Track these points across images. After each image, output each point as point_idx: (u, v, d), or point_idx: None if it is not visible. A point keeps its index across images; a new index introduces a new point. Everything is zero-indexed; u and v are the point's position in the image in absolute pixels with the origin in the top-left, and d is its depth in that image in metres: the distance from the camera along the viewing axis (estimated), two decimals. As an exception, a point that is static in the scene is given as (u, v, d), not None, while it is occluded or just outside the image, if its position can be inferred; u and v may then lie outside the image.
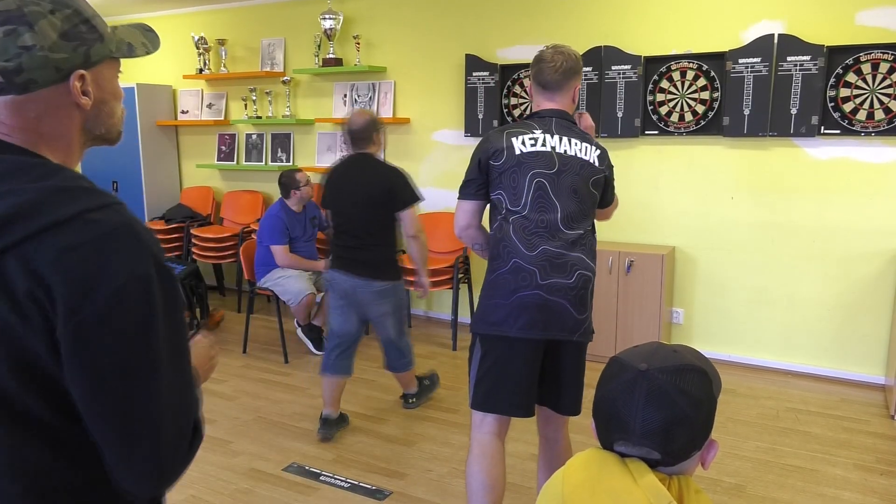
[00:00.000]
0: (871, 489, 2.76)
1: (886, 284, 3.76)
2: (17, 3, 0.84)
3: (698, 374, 1.07)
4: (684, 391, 1.04)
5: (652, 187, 4.30)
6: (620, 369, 1.08)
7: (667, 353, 1.08)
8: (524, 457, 3.01)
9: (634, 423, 1.04)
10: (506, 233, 2.08)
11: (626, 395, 1.05)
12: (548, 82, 2.12)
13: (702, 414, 1.05)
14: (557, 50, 2.12)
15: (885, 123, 3.62)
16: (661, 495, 0.99)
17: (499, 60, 4.64)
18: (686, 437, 1.04)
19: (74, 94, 0.89)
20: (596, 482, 1.04)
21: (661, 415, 1.03)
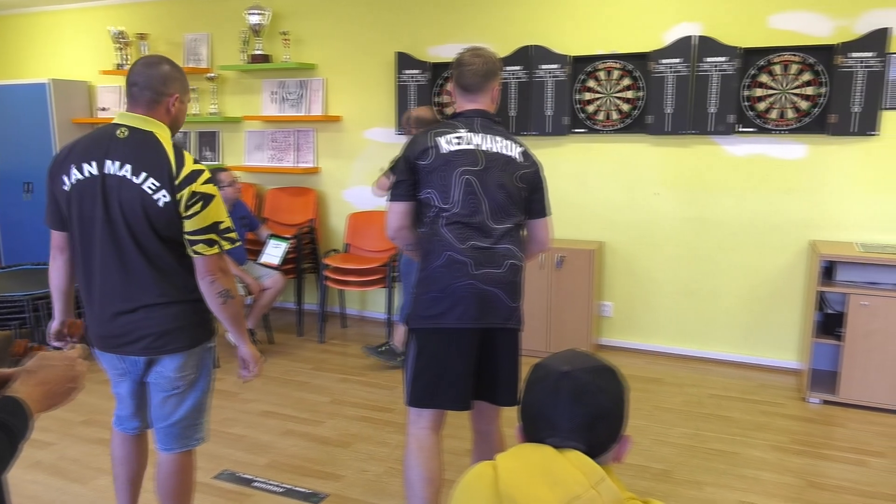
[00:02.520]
0: (786, 468, 2.92)
1: (797, 274, 3.98)
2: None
3: (613, 374, 1.19)
4: (604, 388, 1.15)
5: (581, 184, 4.40)
6: (545, 373, 1.18)
7: (584, 356, 1.20)
8: (460, 453, 3.04)
9: (562, 420, 1.13)
10: (437, 229, 2.12)
11: (552, 395, 1.15)
12: (469, 84, 2.19)
13: (619, 408, 1.17)
14: (476, 53, 2.20)
15: (795, 122, 3.82)
16: (594, 470, 1.08)
17: (430, 58, 4.65)
18: (608, 430, 1.15)
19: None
20: (531, 465, 1.11)
21: (586, 410, 1.13)
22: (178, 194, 1.87)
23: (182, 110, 2.03)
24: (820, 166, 3.84)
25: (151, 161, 1.89)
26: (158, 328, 1.98)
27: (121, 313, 1.97)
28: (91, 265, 1.98)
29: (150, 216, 1.89)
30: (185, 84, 2.03)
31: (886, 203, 3.74)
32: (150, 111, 1.95)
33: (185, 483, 2.17)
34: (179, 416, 2.10)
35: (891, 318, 3.36)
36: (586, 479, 1.06)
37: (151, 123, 1.95)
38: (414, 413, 2.21)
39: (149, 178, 1.88)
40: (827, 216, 3.86)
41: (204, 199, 1.91)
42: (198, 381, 2.10)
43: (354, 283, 4.54)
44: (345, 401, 3.66)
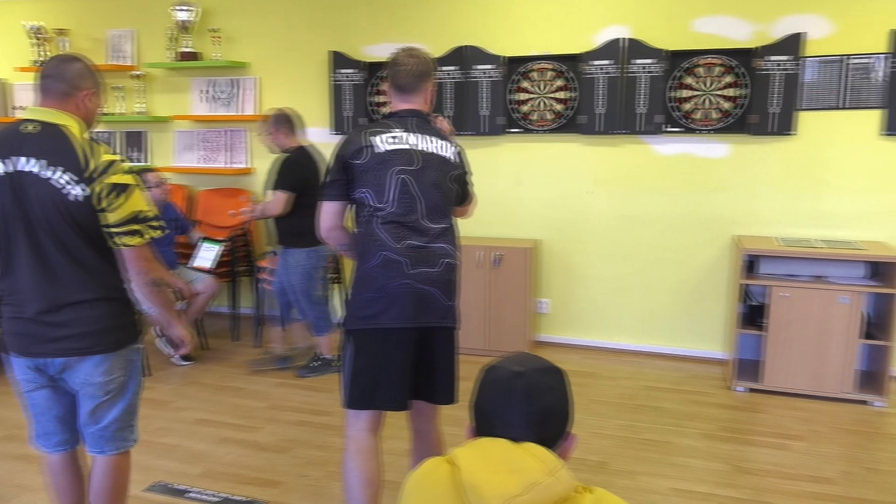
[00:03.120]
0: (715, 455, 3.04)
1: (723, 268, 4.14)
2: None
3: (561, 374, 1.26)
4: (554, 387, 1.22)
5: (516, 183, 4.46)
6: (499, 374, 1.23)
7: (534, 358, 1.27)
8: (400, 453, 3.03)
9: (516, 418, 1.18)
10: (373, 229, 2.12)
11: (506, 394, 1.20)
12: (403, 85, 2.20)
13: (566, 406, 1.24)
14: (410, 53, 2.20)
15: (718, 122, 3.98)
16: (551, 459, 1.13)
17: (365, 58, 4.62)
18: (557, 427, 1.21)
19: None
20: (490, 455, 1.15)
21: (539, 407, 1.19)
22: (92, 187, 1.84)
23: (94, 107, 1.99)
24: (742, 165, 4.01)
25: (64, 155, 1.84)
26: (83, 328, 1.92)
27: (42, 312, 1.90)
28: (13, 264, 1.91)
29: (68, 211, 1.84)
30: (98, 82, 1.99)
31: (803, 199, 3.93)
32: (62, 104, 1.90)
33: (120, 485, 2.13)
34: (111, 419, 2.05)
35: (808, 308, 3.54)
36: (544, 467, 1.11)
37: (63, 117, 1.89)
38: (352, 415, 2.20)
39: (64, 173, 1.83)
40: (749, 212, 4.04)
41: (121, 190, 1.87)
42: (128, 384, 2.06)
43: (291, 285, 4.46)
44: (282, 405, 3.60)
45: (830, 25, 3.74)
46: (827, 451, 3.06)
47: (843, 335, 3.51)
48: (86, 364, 1.96)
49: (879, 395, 3.55)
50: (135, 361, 2.08)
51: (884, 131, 3.73)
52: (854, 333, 3.50)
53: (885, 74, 3.68)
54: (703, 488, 2.76)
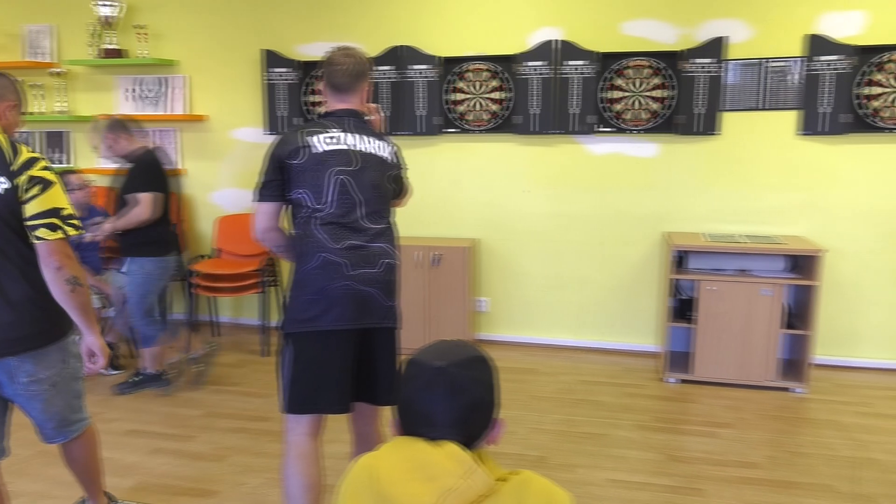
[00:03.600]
0: (649, 445, 3.13)
1: (654, 264, 4.28)
2: None
3: (484, 362, 1.22)
4: (478, 379, 1.19)
5: (454, 183, 4.48)
6: (420, 369, 1.20)
7: (455, 348, 1.22)
8: (341, 457, 3.00)
9: (438, 415, 1.16)
10: (311, 230, 2.10)
11: (428, 391, 1.17)
12: (339, 84, 2.18)
13: (492, 396, 1.21)
14: (346, 53, 2.18)
15: (647, 123, 4.10)
16: (464, 459, 1.12)
17: (298, 56, 4.55)
18: (482, 419, 1.19)
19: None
20: (407, 461, 1.13)
21: (461, 404, 1.16)
22: (15, 180, 1.90)
23: (14, 120, 2.06)
24: (670, 164, 4.15)
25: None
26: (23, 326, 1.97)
27: None
28: None
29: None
30: (20, 95, 2.08)
31: (728, 196, 4.10)
32: None
33: (95, 455, 2.32)
34: (59, 408, 2.13)
35: (734, 300, 3.70)
36: (459, 469, 1.10)
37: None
38: (292, 420, 2.17)
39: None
40: (678, 209, 4.18)
41: (42, 183, 1.92)
42: (71, 371, 2.13)
43: (226, 289, 4.36)
44: (218, 413, 3.51)
45: (750, 30, 3.91)
46: (753, 437, 3.20)
47: (766, 326, 3.68)
48: (23, 365, 2.00)
49: (800, 382, 3.73)
50: (72, 350, 2.14)
51: (800, 131, 3.93)
52: (776, 324, 3.67)
53: (800, 77, 3.88)
54: (638, 478, 2.84)
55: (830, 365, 4.10)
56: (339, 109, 2.19)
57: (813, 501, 2.66)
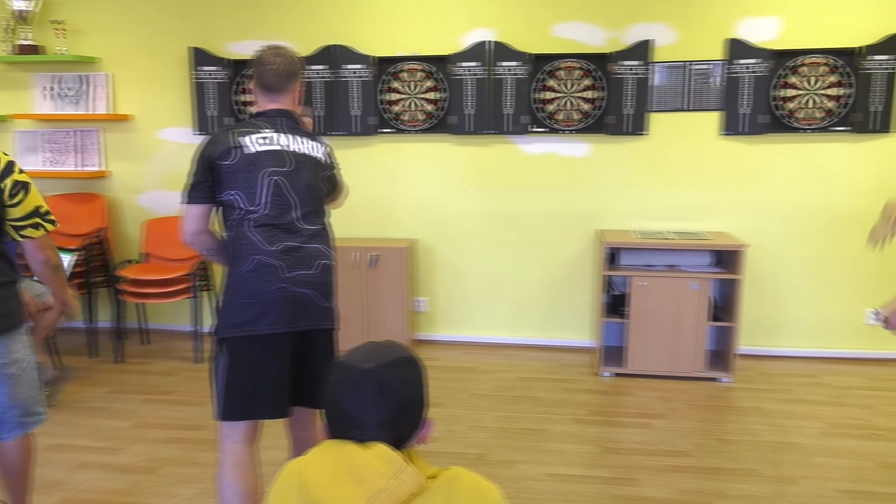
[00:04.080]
0: (586, 439, 3.20)
1: (588, 261, 4.38)
2: None
3: (412, 363, 1.22)
4: (406, 380, 1.18)
5: (390, 183, 4.47)
6: (347, 372, 1.18)
7: (383, 349, 1.22)
8: (279, 463, 2.94)
9: (367, 418, 1.15)
10: (244, 232, 2.06)
11: (355, 393, 1.15)
12: (270, 84, 2.15)
13: (421, 397, 1.21)
14: (277, 52, 2.15)
15: (579, 123, 4.20)
16: (394, 460, 1.11)
17: (229, 55, 4.44)
18: (411, 420, 1.19)
19: None
20: (336, 464, 1.12)
21: (390, 406, 1.15)
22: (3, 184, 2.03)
23: None
24: (601, 163, 4.25)
25: None
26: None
27: None
28: None
29: None
30: None
31: (656, 194, 4.24)
32: None
33: (30, 464, 2.27)
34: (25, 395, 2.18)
35: (663, 295, 3.82)
36: (389, 470, 1.10)
37: None
38: (227, 427, 2.11)
39: None
40: (610, 207, 4.29)
41: (24, 188, 2.07)
42: (33, 359, 2.21)
43: (156, 294, 4.21)
44: (149, 423, 3.39)
45: (674, 34, 4.05)
46: (683, 427, 3.32)
47: (694, 319, 3.82)
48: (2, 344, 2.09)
49: (726, 372, 3.89)
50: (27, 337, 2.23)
51: (722, 131, 4.09)
52: (703, 317, 3.82)
53: (721, 80, 4.04)
54: (576, 471, 2.90)
55: (754, 355, 4.30)
56: (271, 109, 2.16)
57: (739, 486, 2.78)
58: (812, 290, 4.20)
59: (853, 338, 4.22)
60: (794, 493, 2.72)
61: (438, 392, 3.76)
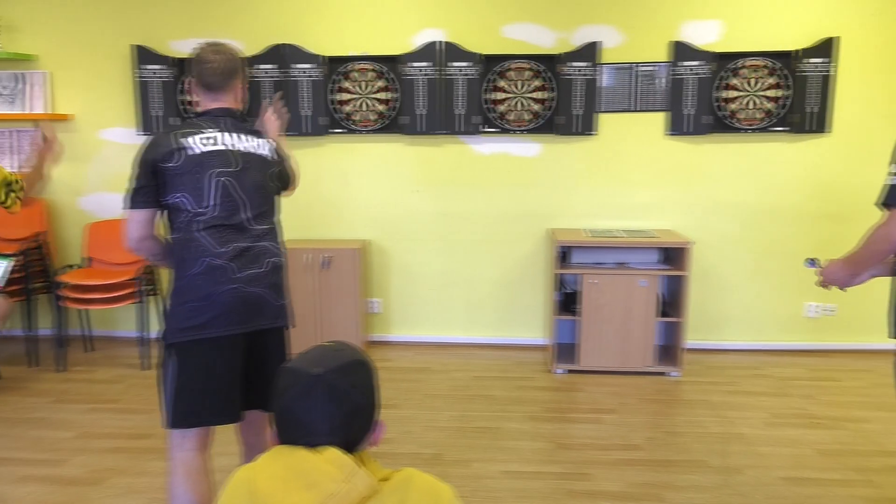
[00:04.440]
0: (540, 435, 3.24)
1: (540, 260, 4.43)
2: None
3: (363, 366, 1.20)
4: (356, 384, 1.17)
5: (342, 184, 4.43)
6: (295, 378, 1.16)
7: (332, 353, 1.20)
8: (231, 470, 2.89)
9: (317, 424, 1.13)
10: (192, 234, 2.01)
11: (305, 400, 1.14)
12: (211, 83, 2.11)
13: (372, 400, 1.20)
14: (216, 50, 2.11)
15: (530, 123, 4.24)
16: (346, 463, 1.10)
17: (173, 53, 4.33)
18: (362, 424, 1.18)
19: None
20: (287, 470, 1.11)
21: (341, 411, 1.14)
22: None
23: None
24: (552, 163, 4.31)
25: None
26: None
27: None
28: None
29: None
30: None
31: (606, 193, 4.32)
32: None
33: None
34: None
35: (614, 292, 3.90)
36: (340, 474, 1.09)
37: None
38: (177, 435, 2.06)
39: None
40: (560, 207, 4.35)
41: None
42: None
43: (99, 300, 4.08)
44: (94, 433, 3.28)
45: (621, 36, 4.13)
46: (634, 421, 3.39)
47: (644, 315, 3.91)
48: None
49: (675, 367, 3.99)
50: None
51: (668, 131, 4.20)
52: (652, 313, 3.91)
53: (666, 81, 4.14)
54: (530, 468, 2.94)
55: (701, 349, 4.42)
56: (213, 109, 2.12)
57: (688, 477, 2.85)
58: (754, 284, 4.35)
59: (794, 330, 4.39)
60: (739, 482, 2.81)
61: (393, 393, 3.75)
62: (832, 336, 4.38)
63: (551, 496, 2.71)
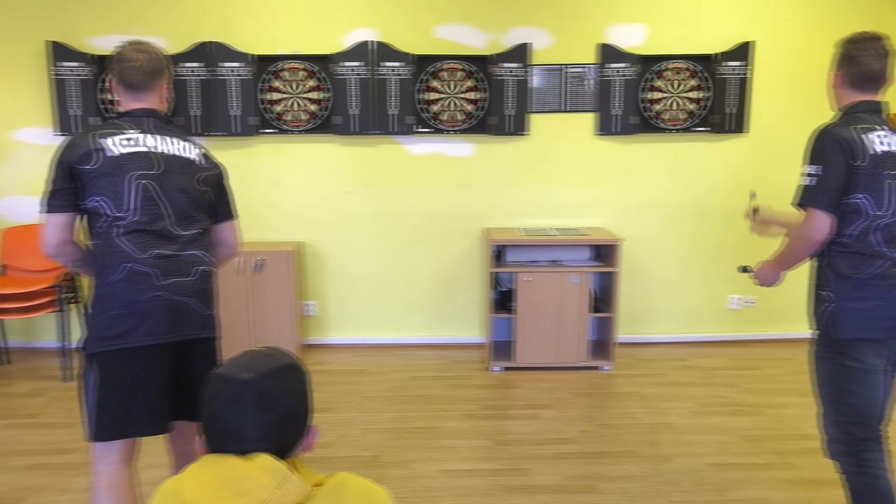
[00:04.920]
0: (478, 433, 3.27)
1: (476, 259, 4.47)
2: None
3: (294, 370, 1.18)
4: (288, 389, 1.14)
5: (274, 185, 4.35)
6: (225, 384, 1.13)
7: (262, 358, 1.17)
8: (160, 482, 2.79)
9: (247, 431, 1.10)
10: (113, 240, 1.94)
11: (235, 406, 1.11)
12: (133, 82, 2.03)
13: (305, 405, 1.18)
14: (139, 48, 2.03)
15: (463, 123, 4.27)
16: (278, 470, 1.08)
17: (93, 50, 4.15)
18: (294, 429, 1.15)
19: None
20: (216, 479, 1.08)
21: (272, 416, 1.11)
22: None
23: None
24: (486, 163, 4.35)
25: None
26: None
27: None
28: None
29: None
30: None
31: (538, 192, 4.39)
32: None
33: None
34: None
35: (547, 290, 3.97)
36: (272, 481, 1.07)
37: None
38: (100, 448, 1.98)
39: None
40: (495, 206, 4.40)
41: None
42: None
43: (15, 310, 3.87)
44: (12, 450, 3.11)
45: (550, 38, 4.21)
46: (569, 415, 3.47)
47: (577, 311, 4.00)
48: None
49: (608, 360, 4.10)
50: None
51: (597, 132, 4.30)
52: (585, 309, 4.00)
53: (595, 82, 4.25)
54: (468, 465, 2.96)
55: (631, 342, 4.56)
56: (136, 109, 2.04)
57: (621, 467, 2.93)
58: (681, 279, 4.51)
59: (718, 322, 4.58)
60: (669, 470, 2.91)
61: (330, 396, 3.71)
62: (753, 327, 4.59)
63: (489, 493, 2.73)
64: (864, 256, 2.00)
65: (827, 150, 1.98)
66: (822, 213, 1.98)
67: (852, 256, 2.01)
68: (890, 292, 2.00)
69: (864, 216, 1.98)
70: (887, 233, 1.99)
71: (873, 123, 2.02)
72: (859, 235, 1.99)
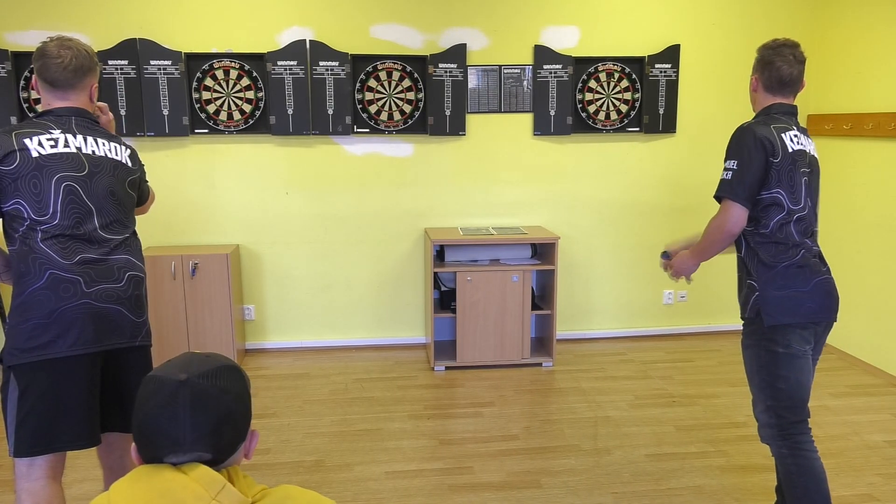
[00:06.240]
0: (422, 433, 3.26)
1: (417, 259, 4.47)
2: None
3: (234, 371, 1.14)
4: (226, 389, 1.10)
5: (208, 187, 4.23)
6: (159, 385, 1.08)
7: (201, 358, 1.13)
8: (91, 496, 2.68)
9: (183, 433, 1.06)
10: (34, 245, 1.84)
11: (169, 408, 1.06)
12: (57, 80, 1.94)
13: (243, 406, 1.14)
14: (64, 45, 1.94)
15: (401, 123, 4.26)
16: (214, 480, 1.04)
17: (10, 46, 3.94)
18: (234, 432, 1.11)
19: None
20: (148, 490, 1.03)
21: (209, 417, 1.07)
22: None
23: None
24: (425, 162, 4.35)
25: None
26: None
27: None
28: None
29: None
30: None
31: (478, 192, 4.42)
32: None
33: None
34: None
35: (488, 288, 4.00)
36: (207, 492, 1.03)
37: None
38: (24, 464, 1.88)
39: None
40: (435, 206, 4.41)
41: None
42: None
43: (-73, 322, 3.63)
44: (-74, 471, 2.92)
45: (486, 39, 4.25)
46: (512, 412, 3.50)
47: (518, 309, 4.04)
48: None
49: (548, 357, 4.17)
50: None
51: (534, 132, 4.37)
52: (526, 307, 4.05)
53: (530, 83, 4.31)
54: (413, 466, 2.95)
55: (571, 338, 4.64)
56: (60, 108, 1.95)
57: (563, 461, 2.98)
58: (616, 275, 4.63)
59: (653, 317, 4.71)
60: (609, 461, 2.98)
61: (271, 401, 3.63)
62: (686, 320, 4.75)
63: (434, 493, 2.74)
64: (784, 246, 2.12)
65: (746, 147, 2.09)
66: (737, 205, 2.09)
67: (774, 246, 2.12)
68: (811, 279, 2.11)
69: (781, 209, 2.10)
70: (803, 224, 2.14)
71: (788, 124, 2.16)
72: (779, 227, 2.11)
